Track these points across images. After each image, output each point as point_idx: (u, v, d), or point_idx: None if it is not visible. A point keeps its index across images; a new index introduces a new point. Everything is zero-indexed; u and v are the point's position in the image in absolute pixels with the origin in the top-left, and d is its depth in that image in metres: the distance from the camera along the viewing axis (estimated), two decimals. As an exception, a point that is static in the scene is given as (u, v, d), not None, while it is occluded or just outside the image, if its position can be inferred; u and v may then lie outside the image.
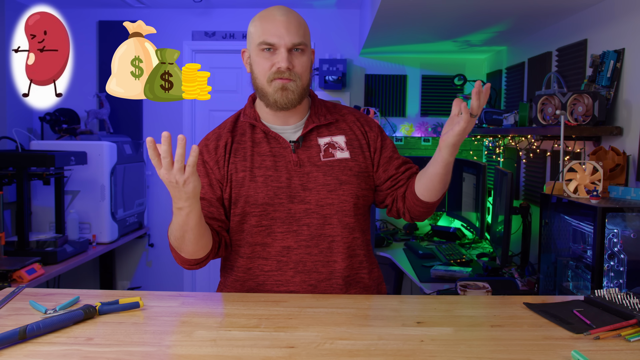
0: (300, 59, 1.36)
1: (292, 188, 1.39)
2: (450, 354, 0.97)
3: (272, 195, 1.38)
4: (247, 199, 1.38)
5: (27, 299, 1.24)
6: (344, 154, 1.43)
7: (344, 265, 1.40)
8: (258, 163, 1.40)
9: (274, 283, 1.39)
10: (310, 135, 1.44)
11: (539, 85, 2.99)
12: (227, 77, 4.16)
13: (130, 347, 0.99)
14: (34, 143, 3.33)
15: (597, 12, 2.46)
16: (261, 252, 1.40)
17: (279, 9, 1.38)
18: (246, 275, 1.41)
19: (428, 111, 4.20)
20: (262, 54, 1.36)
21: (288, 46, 1.34)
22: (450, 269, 2.67)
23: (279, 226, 1.38)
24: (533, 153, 3.02)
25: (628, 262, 1.74)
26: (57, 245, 2.76)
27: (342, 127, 1.47)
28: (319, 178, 1.40)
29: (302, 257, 1.38)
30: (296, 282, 1.38)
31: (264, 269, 1.40)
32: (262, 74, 1.37)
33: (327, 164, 1.41)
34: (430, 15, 2.79)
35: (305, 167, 1.40)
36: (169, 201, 1.29)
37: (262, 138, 1.43)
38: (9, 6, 3.32)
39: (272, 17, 1.35)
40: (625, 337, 1.04)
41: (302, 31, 1.37)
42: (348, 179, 1.41)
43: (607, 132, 2.20)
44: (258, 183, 1.38)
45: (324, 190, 1.39)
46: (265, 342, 1.02)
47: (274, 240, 1.39)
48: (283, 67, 1.33)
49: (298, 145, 1.42)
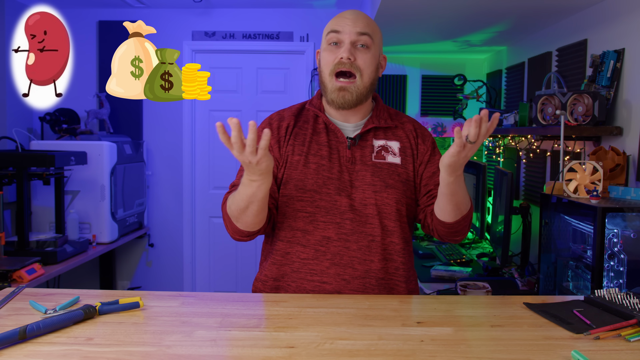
0: (363, 54, 1.41)
1: (341, 181, 1.42)
2: (450, 354, 0.97)
3: (321, 183, 1.41)
4: (296, 183, 1.42)
5: (27, 299, 1.24)
6: (396, 159, 1.47)
7: (379, 267, 1.41)
8: (314, 150, 1.44)
9: (308, 271, 1.40)
10: (367, 136, 1.47)
11: (539, 85, 2.99)
12: (227, 77, 4.16)
13: (130, 347, 0.99)
14: (34, 143, 3.33)
15: (597, 12, 2.46)
16: (301, 239, 1.42)
17: (352, 10, 1.46)
18: (283, 260, 1.43)
19: (428, 111, 4.20)
20: (329, 47, 1.42)
21: (352, 37, 1.39)
22: (450, 269, 2.67)
23: (322, 215, 1.41)
24: (533, 153, 3.02)
25: (628, 262, 1.74)
26: (57, 245, 2.76)
27: (399, 134, 1.50)
28: (366, 177, 1.43)
29: (340, 249, 1.40)
30: (330, 274, 1.39)
31: (301, 256, 1.41)
32: (326, 67, 1.43)
33: (376, 165, 1.45)
34: (430, 15, 2.79)
35: (356, 165, 1.44)
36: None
37: (322, 129, 1.48)
38: (9, 6, 3.33)
39: (342, 15, 1.44)
40: (625, 337, 1.04)
41: (370, 28, 1.42)
42: (394, 184, 1.44)
43: (607, 132, 2.20)
44: (310, 169, 1.42)
45: (369, 190, 1.42)
46: (265, 342, 1.02)
47: (315, 228, 1.41)
48: (345, 57, 1.38)
49: (354, 142, 1.46)
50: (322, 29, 4.75)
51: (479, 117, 1.19)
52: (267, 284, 1.45)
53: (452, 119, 4.00)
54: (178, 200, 4.14)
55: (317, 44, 4.02)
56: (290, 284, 1.42)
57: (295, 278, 1.41)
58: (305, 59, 4.08)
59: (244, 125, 1.16)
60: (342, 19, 1.42)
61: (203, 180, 4.19)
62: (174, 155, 4.16)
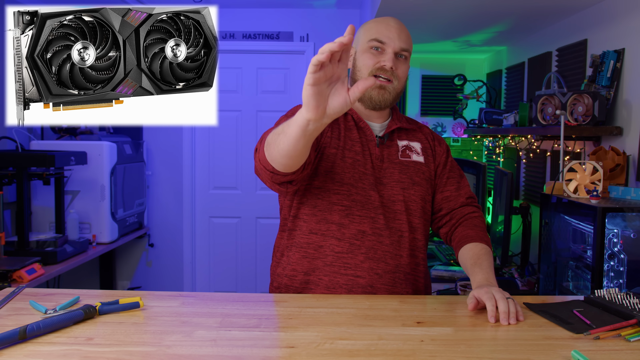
0: (403, 64, 1.46)
1: (374, 177, 1.45)
2: (450, 354, 0.97)
3: (357, 178, 1.43)
4: (333, 176, 1.42)
5: (27, 299, 1.24)
6: (420, 157, 1.52)
7: (407, 262, 1.45)
8: (349, 146, 1.46)
9: (342, 265, 1.41)
10: (392, 136, 1.52)
11: (539, 85, 2.99)
12: (227, 77, 4.16)
13: (130, 347, 0.98)
14: (34, 143, 3.32)
15: (597, 12, 2.46)
16: (336, 232, 1.42)
17: (393, 18, 1.49)
18: (316, 253, 1.43)
19: (428, 111, 4.20)
20: (370, 51, 1.44)
21: (396, 49, 1.43)
22: (450, 269, 2.67)
23: (358, 209, 1.42)
24: (533, 153, 3.02)
25: (628, 262, 1.74)
26: (57, 245, 2.76)
27: (419, 136, 1.56)
28: (394, 174, 1.47)
29: (374, 244, 1.42)
30: (364, 267, 1.40)
31: (335, 249, 1.42)
32: (365, 68, 1.44)
33: (403, 163, 1.49)
34: (430, 15, 2.79)
35: (384, 163, 1.47)
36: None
37: (352, 126, 1.49)
38: (9, 6, 3.32)
39: (387, 23, 1.46)
40: (625, 337, 1.04)
41: (410, 42, 1.47)
42: (420, 181, 1.49)
43: (607, 132, 2.20)
44: (347, 164, 1.44)
45: (398, 187, 1.46)
46: (265, 342, 1.02)
47: (351, 222, 1.42)
48: (388, 66, 1.41)
49: (382, 141, 1.49)
50: (322, 29, 4.71)
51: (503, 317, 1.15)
52: (295, 278, 1.44)
53: (452, 119, 4.01)
54: (178, 200, 4.14)
55: (317, 44, 4.02)
56: (322, 277, 1.42)
57: (328, 272, 1.41)
58: (305, 59, 4.08)
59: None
60: (387, 28, 1.44)
61: (203, 180, 4.19)
62: (174, 155, 4.16)
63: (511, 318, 1.14)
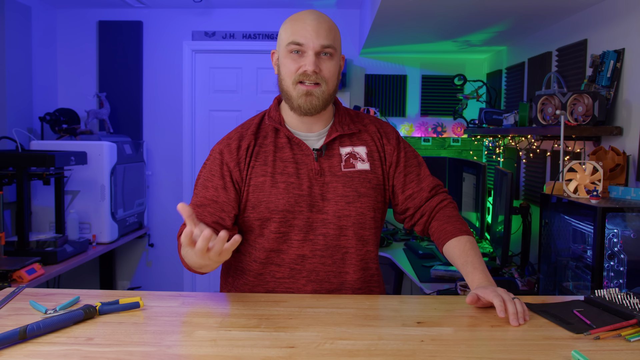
0: (327, 63, 1.35)
1: (312, 197, 1.37)
2: (450, 354, 0.97)
3: (293, 202, 1.36)
4: (267, 205, 1.37)
5: (27, 299, 1.24)
6: (365, 165, 1.42)
7: (355, 277, 1.40)
8: (280, 169, 1.38)
9: (284, 290, 1.39)
10: (333, 144, 1.42)
11: (539, 85, 2.99)
12: (227, 77, 4.16)
13: (130, 347, 0.98)
14: (34, 143, 3.33)
15: (597, 12, 2.46)
16: (275, 259, 1.39)
17: (310, 12, 1.38)
18: (256, 281, 1.41)
19: (428, 111, 4.20)
20: (290, 55, 1.35)
21: (316, 49, 1.33)
22: (450, 269, 2.67)
23: (296, 234, 1.37)
24: (533, 153, 3.02)
25: (628, 262, 1.74)
26: (57, 245, 2.76)
27: (364, 137, 1.46)
28: (338, 189, 1.38)
29: (315, 266, 1.38)
30: (307, 291, 1.38)
31: (276, 275, 1.39)
32: (288, 76, 1.36)
33: (347, 174, 1.40)
34: (430, 15, 2.79)
35: (326, 177, 1.39)
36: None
37: (285, 143, 1.41)
38: (9, 6, 3.32)
39: (303, 20, 1.36)
40: (625, 337, 1.04)
41: (332, 35, 1.36)
42: (367, 192, 1.40)
43: (607, 132, 2.20)
44: (280, 189, 1.37)
45: (342, 202, 1.38)
46: (265, 342, 1.02)
47: (289, 247, 1.38)
48: (309, 70, 1.32)
49: (321, 153, 1.40)
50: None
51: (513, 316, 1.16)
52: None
53: (452, 119, 4.01)
54: (178, 200, 4.14)
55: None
56: None
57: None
58: (305, 59, 4.08)
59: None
60: (303, 26, 1.34)
61: (203, 180, 4.19)
62: (174, 155, 4.16)
63: (520, 318, 1.14)
